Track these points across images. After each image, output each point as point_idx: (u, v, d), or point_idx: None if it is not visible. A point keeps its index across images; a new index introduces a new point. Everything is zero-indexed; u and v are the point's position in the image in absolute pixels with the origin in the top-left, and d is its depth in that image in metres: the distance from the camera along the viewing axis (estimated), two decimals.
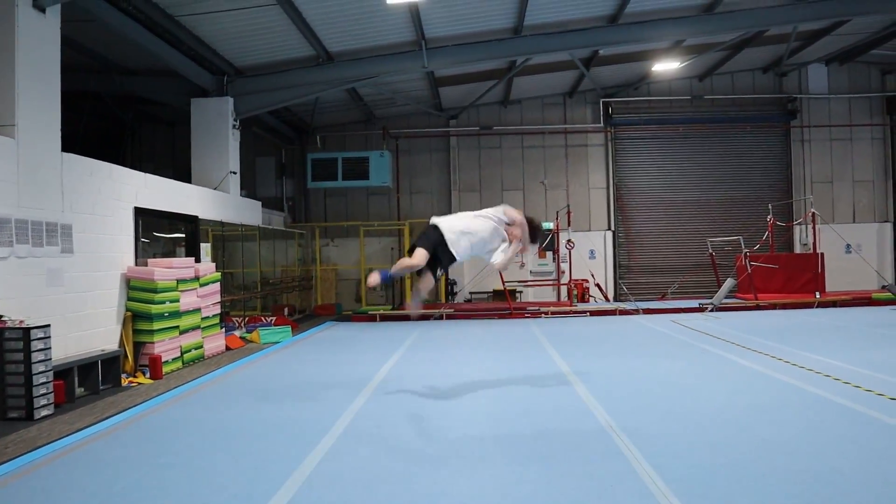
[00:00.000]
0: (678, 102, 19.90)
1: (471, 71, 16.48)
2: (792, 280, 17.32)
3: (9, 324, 6.94)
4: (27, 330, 6.91)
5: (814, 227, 17.61)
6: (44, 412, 7.00)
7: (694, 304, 16.71)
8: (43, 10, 7.77)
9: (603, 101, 19.69)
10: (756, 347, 10.23)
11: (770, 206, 18.14)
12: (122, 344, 9.26)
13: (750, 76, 19.88)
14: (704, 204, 19.88)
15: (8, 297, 7.09)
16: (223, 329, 11.66)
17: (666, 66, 17.08)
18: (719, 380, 8.02)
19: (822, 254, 17.35)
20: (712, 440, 5.44)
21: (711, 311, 15.93)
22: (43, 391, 7.02)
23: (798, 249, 19.59)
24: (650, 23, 13.67)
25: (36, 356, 6.93)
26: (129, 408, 7.40)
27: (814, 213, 17.56)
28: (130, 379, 8.96)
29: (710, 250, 17.85)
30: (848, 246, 18.89)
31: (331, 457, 5.32)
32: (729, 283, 16.45)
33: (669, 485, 4.42)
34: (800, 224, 19.17)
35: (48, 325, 7.22)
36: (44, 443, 6.00)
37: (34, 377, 6.90)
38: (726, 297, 16.52)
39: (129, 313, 9.44)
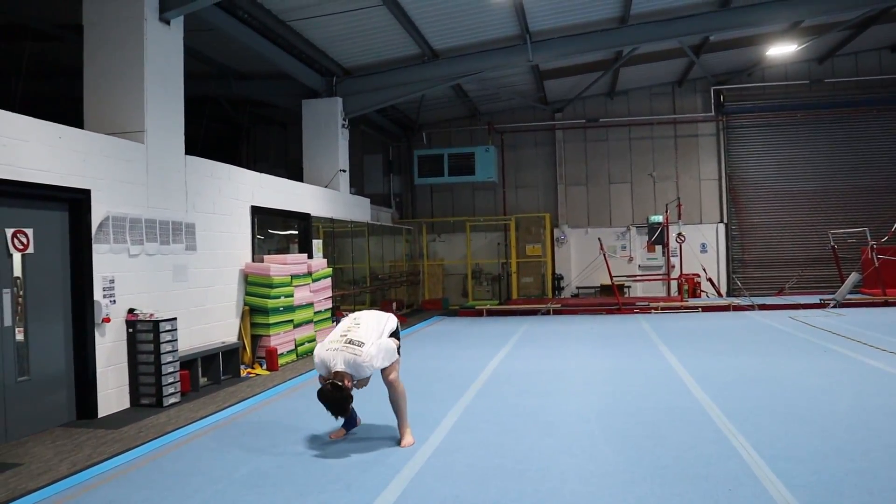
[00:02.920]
0: (795, 87, 18.87)
1: (576, 63, 16.24)
2: None
3: (140, 317, 7.41)
4: (157, 323, 7.36)
5: None
6: (171, 399, 7.44)
7: (814, 299, 15.87)
8: (168, 23, 8.23)
9: (714, 89, 18.95)
10: (886, 346, 9.60)
11: None
12: (240, 336, 9.69)
13: (876, 56, 18.59)
14: (825, 194, 18.76)
15: (139, 291, 7.56)
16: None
17: (782, 50, 16.23)
18: (845, 381, 7.58)
19: None
20: (839, 445, 5.15)
21: (834, 307, 15.08)
22: (171, 380, 7.46)
23: None
24: (764, 5, 13.00)
25: (164, 347, 7.38)
26: (248, 397, 7.75)
27: None
28: (249, 370, 9.38)
29: (832, 243, 16.87)
30: None
31: (442, 451, 5.39)
32: (853, 277, 15.51)
33: (793, 491, 4.22)
34: None
35: (175, 319, 7.66)
36: (172, 428, 6.37)
37: (163, 367, 7.34)
38: (850, 293, 15.58)
39: (246, 307, 9.87)
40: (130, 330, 7.36)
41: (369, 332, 5.53)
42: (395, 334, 5.80)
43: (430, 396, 7.44)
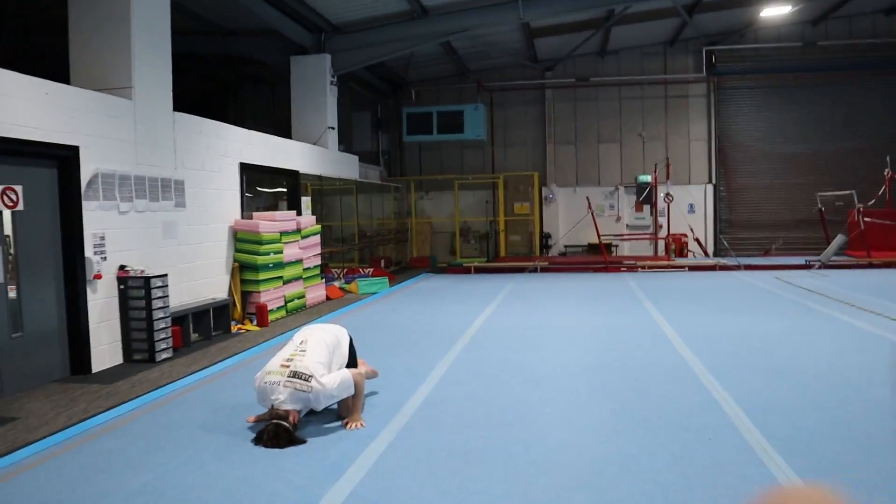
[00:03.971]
0: (788, 49, 18.77)
1: (567, 21, 16.10)
2: None
3: (131, 273, 7.44)
4: (147, 279, 7.39)
5: None
6: (163, 355, 7.51)
7: (800, 260, 16.06)
8: None
9: (706, 50, 18.83)
10: (867, 306, 9.79)
11: (889, 159, 17.03)
12: (230, 293, 9.75)
13: (870, 20, 18.49)
14: (814, 156, 18.82)
15: (130, 248, 7.58)
16: (323, 280, 12.08)
17: (776, 11, 16.15)
18: (826, 339, 7.76)
19: None
20: (817, 400, 5.31)
21: (819, 268, 15.28)
22: (162, 336, 7.52)
23: None
24: None
25: (156, 303, 7.42)
26: (239, 352, 7.85)
27: None
28: (239, 326, 9.47)
29: (820, 205, 17.00)
30: None
31: (430, 403, 5.51)
32: (839, 239, 15.66)
33: (771, 441, 4.37)
34: None
35: (166, 275, 7.70)
36: (165, 383, 6.46)
37: (155, 323, 7.40)
38: (836, 255, 15.77)
39: (236, 264, 9.91)
40: (122, 286, 7.39)
41: (318, 361, 4.91)
42: (350, 352, 5.40)
43: (417, 351, 7.56)
